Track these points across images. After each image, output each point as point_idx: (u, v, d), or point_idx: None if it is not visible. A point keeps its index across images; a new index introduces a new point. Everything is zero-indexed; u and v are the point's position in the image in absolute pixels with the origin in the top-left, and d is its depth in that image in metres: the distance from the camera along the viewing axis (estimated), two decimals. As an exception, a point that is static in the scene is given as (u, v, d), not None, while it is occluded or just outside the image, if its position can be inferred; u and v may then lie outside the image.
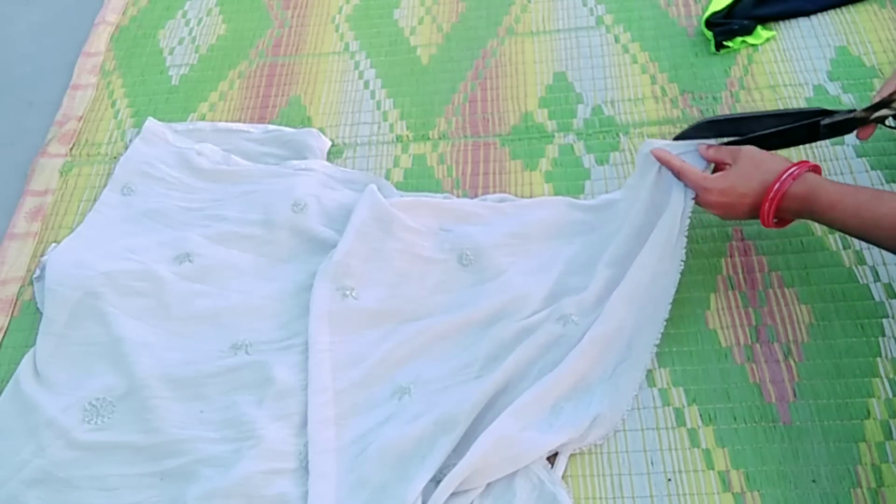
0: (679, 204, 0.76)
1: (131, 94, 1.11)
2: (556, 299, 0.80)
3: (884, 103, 0.77)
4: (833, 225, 0.70)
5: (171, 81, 1.12)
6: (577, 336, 0.76)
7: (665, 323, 0.78)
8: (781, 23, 1.02)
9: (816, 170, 0.72)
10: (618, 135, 0.95)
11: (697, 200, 0.76)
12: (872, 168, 0.87)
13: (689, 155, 0.78)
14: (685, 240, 0.77)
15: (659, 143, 0.80)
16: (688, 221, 0.77)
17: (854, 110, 0.77)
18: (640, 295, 0.77)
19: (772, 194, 0.71)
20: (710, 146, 0.78)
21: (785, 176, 0.70)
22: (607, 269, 0.79)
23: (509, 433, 0.70)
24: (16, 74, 1.18)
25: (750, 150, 0.74)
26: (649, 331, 0.77)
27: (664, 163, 0.78)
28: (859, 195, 0.68)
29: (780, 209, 0.72)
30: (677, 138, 0.81)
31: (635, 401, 0.75)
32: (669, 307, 0.78)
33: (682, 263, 0.78)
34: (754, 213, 0.73)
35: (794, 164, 0.71)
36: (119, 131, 1.07)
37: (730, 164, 0.74)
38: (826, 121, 0.77)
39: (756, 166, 0.73)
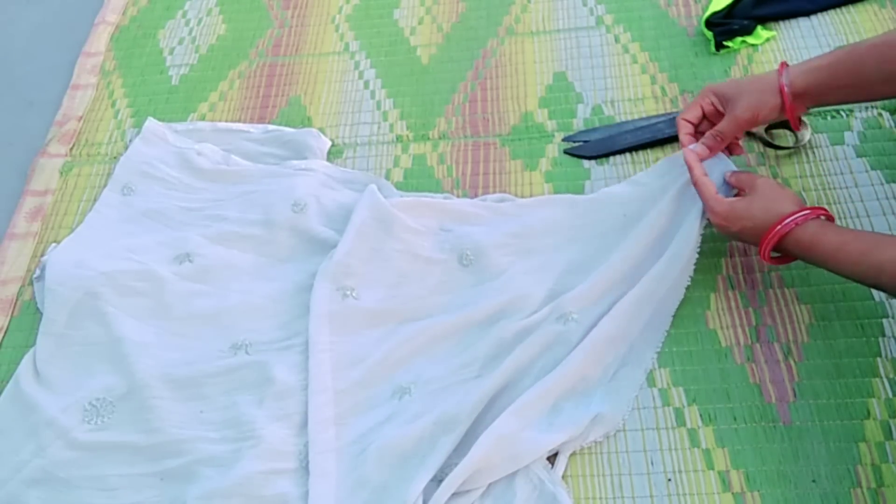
0: (697, 219, 0.77)
1: (131, 94, 1.11)
2: (556, 299, 0.80)
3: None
4: (835, 271, 0.69)
5: (171, 81, 1.12)
6: (577, 334, 0.76)
7: (667, 332, 0.78)
8: (781, 23, 1.02)
9: (829, 217, 0.72)
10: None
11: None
12: (872, 168, 0.86)
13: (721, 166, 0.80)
14: (696, 255, 0.78)
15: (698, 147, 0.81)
16: (700, 238, 0.78)
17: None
18: (650, 304, 0.77)
19: (771, 235, 0.71)
20: (734, 172, 0.78)
21: (789, 220, 0.70)
22: (614, 271, 0.79)
23: (510, 432, 0.70)
24: (16, 74, 1.18)
25: (766, 184, 0.74)
26: (652, 338, 0.78)
27: (688, 164, 0.78)
28: (861, 241, 0.67)
29: (781, 250, 0.72)
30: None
31: (635, 401, 0.75)
32: (672, 318, 0.78)
33: (691, 278, 0.79)
34: (753, 243, 0.74)
35: (803, 210, 0.71)
36: (119, 131, 1.07)
37: (745, 192, 0.75)
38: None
39: (767, 202, 0.72)
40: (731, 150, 0.82)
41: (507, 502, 0.69)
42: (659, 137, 0.92)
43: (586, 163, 0.93)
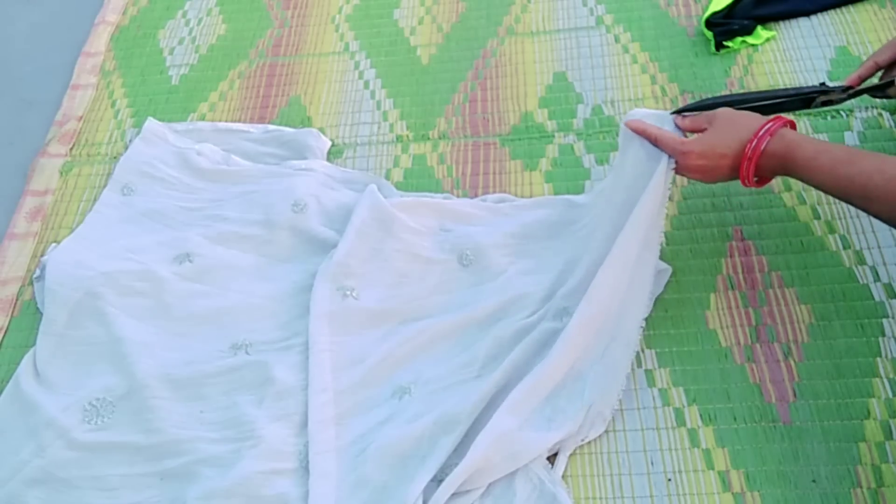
0: (661, 175, 0.75)
1: (131, 94, 1.11)
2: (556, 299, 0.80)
3: (880, 87, 0.79)
4: (810, 181, 0.70)
5: (171, 81, 1.12)
6: None
7: (652, 297, 0.77)
8: (781, 23, 1.02)
9: (792, 126, 0.72)
10: (618, 135, 0.94)
11: (677, 168, 0.75)
12: (872, 168, 0.86)
13: (668, 126, 0.77)
14: (665, 210, 0.76)
15: (639, 113, 0.79)
16: (669, 192, 0.75)
17: (849, 88, 0.79)
18: (626, 272, 0.76)
19: (749, 152, 0.71)
20: (685, 116, 0.77)
21: (762, 132, 0.70)
22: (595, 252, 0.78)
23: (508, 431, 0.70)
24: (16, 74, 1.18)
25: (725, 112, 0.74)
26: (636, 306, 0.76)
27: (640, 132, 0.77)
28: (835, 152, 0.68)
29: (759, 167, 0.72)
30: (675, 113, 0.80)
31: (635, 401, 0.75)
32: (653, 279, 0.77)
33: (663, 235, 0.77)
34: (734, 173, 0.73)
35: (770, 120, 0.71)
36: (119, 131, 1.07)
37: (707, 129, 0.74)
38: (822, 99, 0.80)
39: (733, 126, 0.73)
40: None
41: (507, 502, 0.69)
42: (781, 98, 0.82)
43: (586, 162, 0.93)
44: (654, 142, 0.76)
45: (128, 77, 1.14)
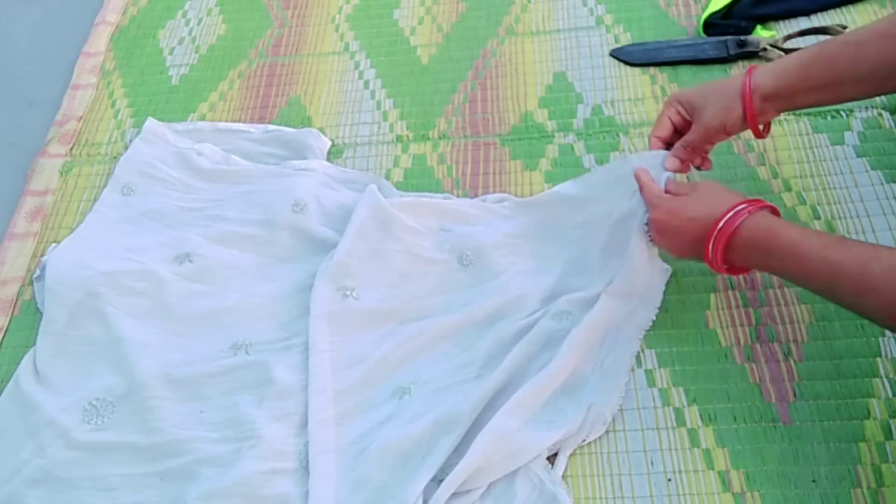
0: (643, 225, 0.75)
1: (131, 94, 1.11)
2: (556, 299, 0.79)
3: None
4: (793, 268, 0.63)
5: (171, 81, 1.12)
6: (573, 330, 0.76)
7: (657, 311, 0.78)
8: (781, 23, 1.02)
9: (774, 212, 0.67)
10: (618, 135, 0.95)
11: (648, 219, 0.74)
12: (872, 168, 0.86)
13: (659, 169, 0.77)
14: (657, 249, 0.77)
15: (635, 158, 0.79)
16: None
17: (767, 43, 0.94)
18: (634, 287, 0.77)
19: (722, 224, 0.65)
20: (672, 181, 0.75)
21: (740, 208, 0.65)
22: (600, 260, 0.79)
23: (508, 431, 0.70)
24: (16, 74, 1.18)
25: (709, 183, 0.72)
26: (640, 318, 0.77)
27: (636, 176, 0.75)
28: (823, 236, 0.63)
29: (732, 247, 0.66)
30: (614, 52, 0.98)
31: (635, 401, 0.75)
32: (662, 295, 0.78)
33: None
34: (700, 246, 0.67)
35: (748, 201, 0.66)
36: (119, 131, 1.07)
37: (687, 194, 0.71)
38: (737, 51, 0.95)
39: (712, 196, 0.69)
40: (700, 164, 0.78)
41: (508, 502, 0.69)
42: (701, 57, 0.98)
43: (586, 162, 0.93)
44: (640, 188, 0.75)
45: (128, 77, 1.14)
